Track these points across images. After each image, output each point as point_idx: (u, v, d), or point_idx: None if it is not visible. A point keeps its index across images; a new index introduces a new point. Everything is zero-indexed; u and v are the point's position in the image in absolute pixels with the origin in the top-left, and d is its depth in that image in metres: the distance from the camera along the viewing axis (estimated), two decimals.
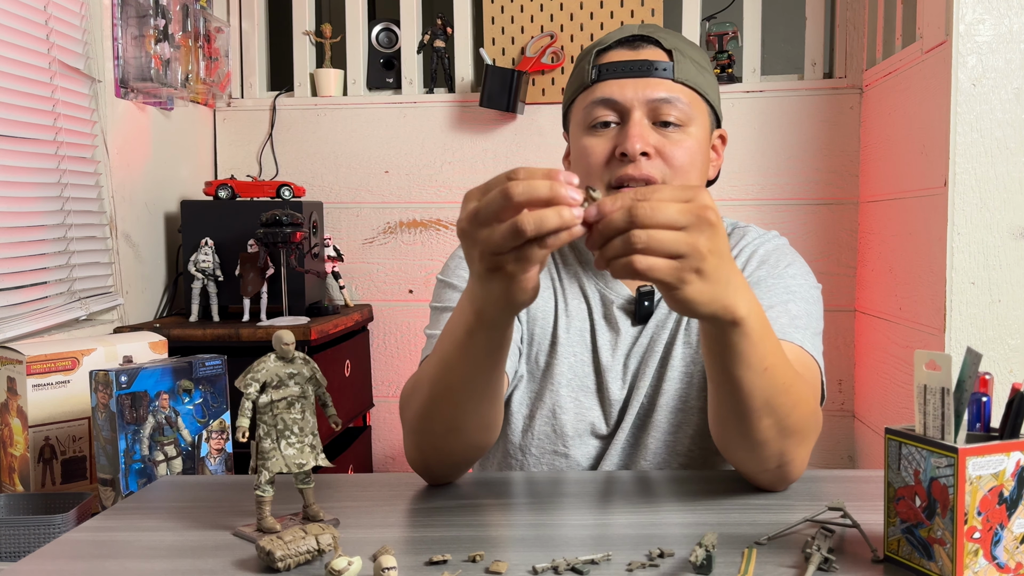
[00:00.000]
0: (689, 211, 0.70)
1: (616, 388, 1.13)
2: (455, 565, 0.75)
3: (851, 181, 2.33)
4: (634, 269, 0.69)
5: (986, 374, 0.72)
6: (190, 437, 1.21)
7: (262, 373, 0.82)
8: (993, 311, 1.68)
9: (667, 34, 1.13)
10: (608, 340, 1.14)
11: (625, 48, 1.11)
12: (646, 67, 1.09)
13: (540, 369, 1.15)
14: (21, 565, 0.79)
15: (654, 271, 0.70)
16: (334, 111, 2.51)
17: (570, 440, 1.13)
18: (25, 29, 1.68)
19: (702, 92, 1.11)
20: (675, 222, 0.70)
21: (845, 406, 2.38)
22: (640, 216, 0.69)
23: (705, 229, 0.71)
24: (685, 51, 1.11)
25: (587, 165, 1.10)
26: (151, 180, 2.18)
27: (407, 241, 2.48)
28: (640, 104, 1.08)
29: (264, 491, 0.83)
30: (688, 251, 0.70)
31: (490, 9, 2.41)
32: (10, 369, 1.34)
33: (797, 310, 1.07)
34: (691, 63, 1.11)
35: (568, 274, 1.18)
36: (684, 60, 1.10)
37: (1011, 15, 1.66)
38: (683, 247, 0.70)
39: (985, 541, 0.69)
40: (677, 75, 1.09)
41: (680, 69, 1.09)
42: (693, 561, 0.72)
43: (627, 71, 1.09)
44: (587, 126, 1.11)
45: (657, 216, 0.69)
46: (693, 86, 1.10)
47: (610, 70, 1.10)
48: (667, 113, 1.08)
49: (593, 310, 1.16)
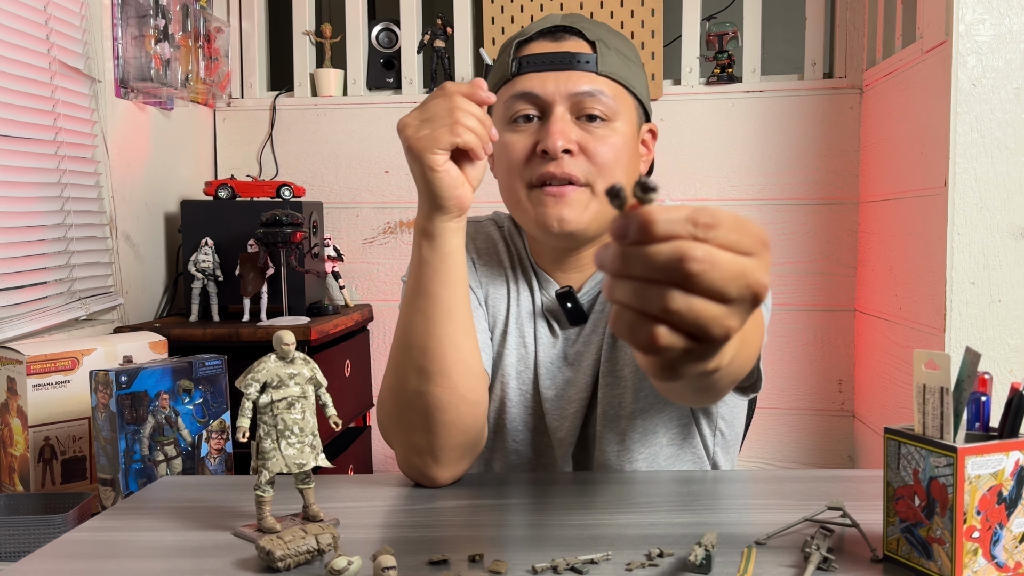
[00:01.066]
0: (744, 279, 0.49)
1: (548, 390, 1.12)
2: (455, 565, 0.75)
3: (851, 181, 2.33)
4: (652, 345, 0.49)
5: (985, 374, 0.72)
6: (190, 437, 1.21)
7: (262, 373, 0.83)
8: (993, 311, 1.68)
9: (591, 24, 1.08)
10: (545, 338, 1.13)
11: (547, 39, 1.06)
12: (568, 59, 1.04)
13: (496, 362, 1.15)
14: (21, 565, 0.79)
15: (670, 352, 0.50)
16: (334, 111, 2.51)
17: (520, 435, 1.13)
18: (25, 29, 1.68)
19: (628, 85, 1.07)
20: (725, 291, 0.48)
21: (845, 406, 2.38)
22: (695, 275, 0.47)
23: (748, 306, 0.50)
24: (610, 42, 1.06)
25: (508, 162, 1.06)
26: (151, 180, 2.19)
27: (407, 241, 2.48)
28: (562, 98, 1.03)
29: (264, 491, 0.83)
30: (717, 334, 0.49)
31: (490, 9, 2.41)
32: (10, 369, 1.34)
33: None
34: (616, 55, 1.06)
35: (520, 265, 1.17)
36: (609, 52, 1.05)
37: (1011, 15, 1.66)
38: (716, 329, 0.49)
39: (984, 540, 0.69)
40: (601, 68, 1.04)
41: (604, 61, 1.04)
42: (692, 561, 0.72)
43: (548, 63, 1.04)
44: (508, 120, 1.06)
45: (711, 278, 0.47)
46: (618, 79, 1.05)
47: (531, 62, 1.05)
48: (590, 107, 1.03)
49: (536, 305, 1.14)
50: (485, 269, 1.18)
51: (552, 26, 1.07)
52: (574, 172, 1.02)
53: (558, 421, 1.11)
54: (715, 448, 1.15)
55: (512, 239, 1.19)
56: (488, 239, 1.20)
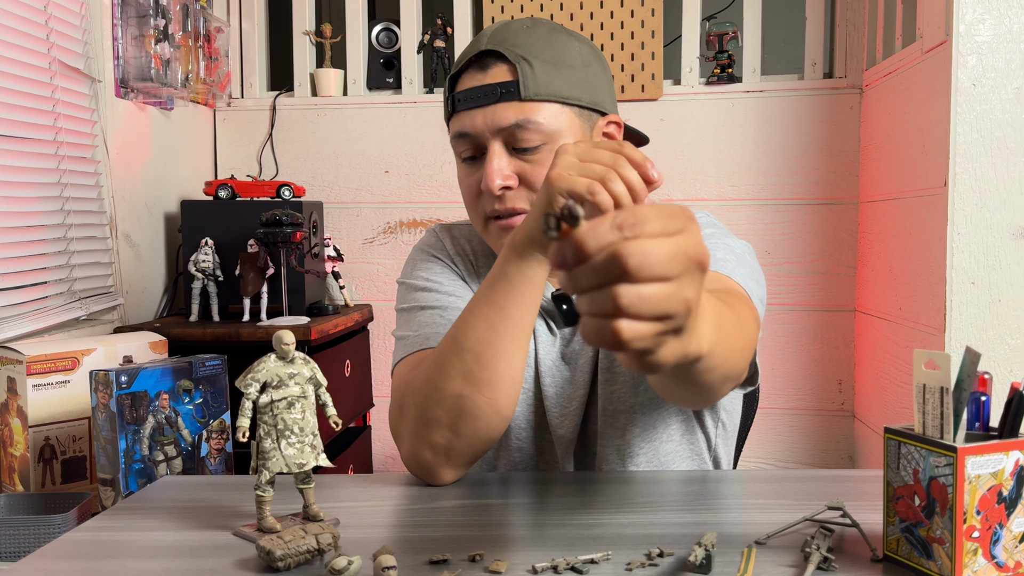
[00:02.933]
0: (682, 254, 0.52)
1: (548, 388, 1.12)
2: (455, 565, 0.75)
3: (851, 181, 2.33)
4: (617, 341, 0.51)
5: (985, 373, 0.72)
6: (190, 437, 1.21)
7: (262, 373, 0.83)
8: (993, 311, 1.68)
9: (516, 38, 1.03)
10: (545, 337, 1.13)
11: (475, 70, 1.04)
12: (491, 92, 1.01)
13: None
14: (21, 565, 0.79)
15: (639, 342, 0.52)
16: (334, 111, 2.51)
17: (523, 433, 1.14)
18: (25, 29, 1.68)
19: (560, 99, 1.02)
20: (669, 273, 0.52)
21: (845, 406, 2.38)
22: (634, 269, 0.50)
23: (696, 275, 0.54)
24: (537, 56, 1.01)
25: (465, 198, 1.09)
26: (151, 180, 2.19)
27: (407, 241, 2.48)
28: (492, 134, 1.01)
29: (264, 491, 0.83)
30: (678, 310, 0.53)
31: (490, 9, 2.41)
32: (10, 369, 1.34)
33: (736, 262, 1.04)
34: (543, 68, 1.01)
35: None
36: (532, 71, 1.01)
37: (1011, 15, 1.66)
38: (675, 306, 0.52)
39: (984, 540, 0.69)
40: (524, 93, 1.00)
41: (528, 84, 1.00)
42: (692, 561, 0.72)
43: (474, 100, 1.02)
44: (458, 158, 1.08)
45: (652, 267, 0.51)
46: (546, 98, 1.01)
47: (461, 100, 1.04)
48: (523, 139, 1.01)
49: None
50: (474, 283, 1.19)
51: (477, 52, 1.04)
52: (518, 204, 1.03)
53: (559, 419, 1.12)
54: (717, 440, 1.15)
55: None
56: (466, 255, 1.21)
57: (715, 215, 2.37)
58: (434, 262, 1.19)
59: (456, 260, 1.19)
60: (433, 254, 1.20)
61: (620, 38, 2.36)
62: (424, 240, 1.24)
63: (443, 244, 1.21)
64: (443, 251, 1.20)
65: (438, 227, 1.25)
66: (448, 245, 1.21)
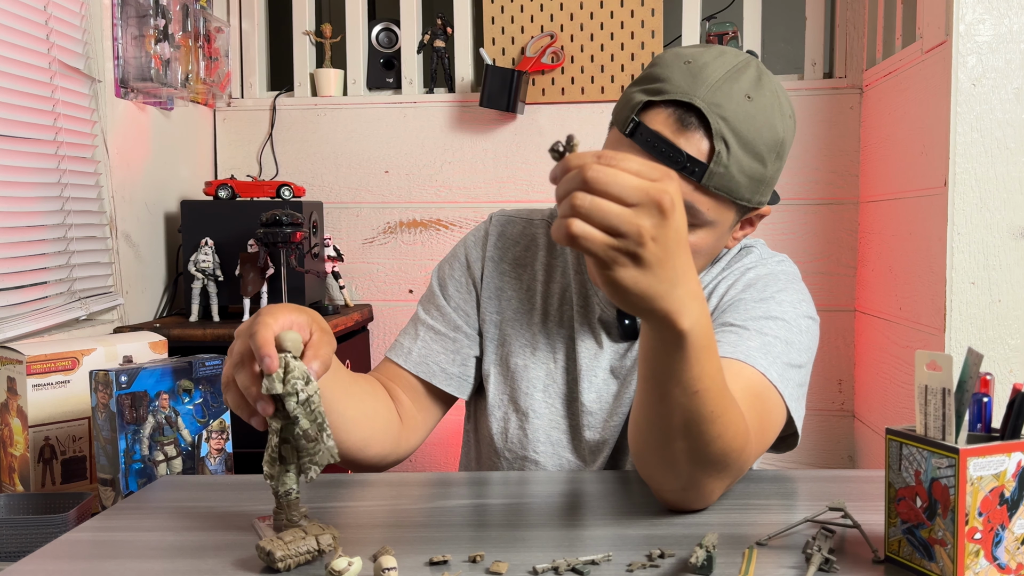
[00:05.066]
0: (643, 190, 0.65)
1: (592, 403, 1.11)
2: (455, 565, 0.75)
3: (851, 181, 2.33)
4: (568, 233, 0.64)
5: (987, 374, 0.72)
6: (190, 437, 1.21)
7: (299, 371, 0.81)
8: (993, 311, 1.68)
9: (727, 105, 0.93)
10: (589, 351, 1.11)
11: (672, 116, 0.94)
12: (678, 159, 0.93)
13: (513, 371, 1.14)
14: (21, 565, 0.79)
15: (587, 241, 0.64)
16: (334, 111, 2.51)
17: (541, 447, 1.12)
18: (25, 29, 1.68)
19: (734, 198, 0.96)
20: (625, 197, 0.64)
21: (845, 406, 2.38)
22: (591, 179, 0.64)
23: (654, 213, 0.65)
24: (737, 135, 0.93)
25: None
26: (151, 180, 2.18)
27: (407, 241, 2.48)
28: None
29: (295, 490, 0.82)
30: (629, 231, 0.64)
31: (490, 9, 2.41)
32: (10, 369, 1.34)
33: (773, 335, 0.99)
34: (737, 158, 0.94)
35: (555, 277, 1.16)
36: (726, 160, 0.94)
37: (1011, 15, 1.66)
38: (624, 225, 0.64)
39: (986, 542, 0.69)
40: (707, 181, 0.94)
41: (715, 174, 0.94)
42: (694, 562, 0.71)
43: (658, 151, 0.94)
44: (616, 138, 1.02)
45: (609, 184, 0.64)
46: (725, 194, 0.96)
47: (644, 136, 0.95)
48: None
49: (576, 316, 1.13)
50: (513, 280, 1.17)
51: (683, 100, 0.94)
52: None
53: (597, 432, 1.10)
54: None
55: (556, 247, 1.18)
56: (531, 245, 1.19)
57: None
58: (459, 269, 1.20)
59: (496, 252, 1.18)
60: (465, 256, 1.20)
61: (620, 38, 2.36)
62: (475, 230, 1.23)
63: (487, 237, 1.20)
64: (482, 245, 1.20)
65: (494, 215, 1.23)
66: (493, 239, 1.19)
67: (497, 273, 1.18)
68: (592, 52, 2.38)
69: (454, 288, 1.19)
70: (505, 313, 1.16)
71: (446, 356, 1.16)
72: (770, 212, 1.05)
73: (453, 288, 1.19)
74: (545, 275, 1.17)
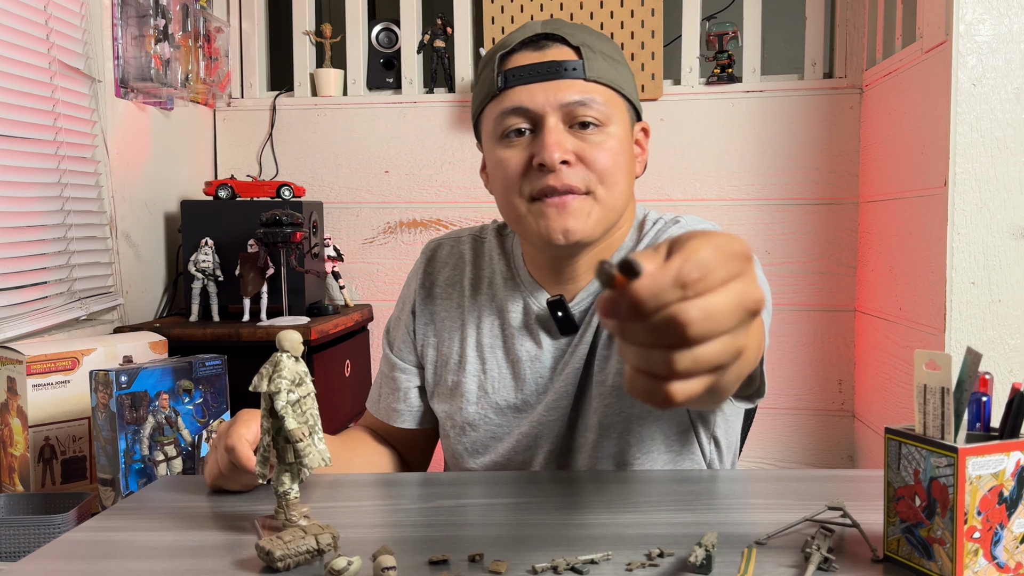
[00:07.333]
0: (742, 306, 0.50)
1: (533, 400, 1.11)
2: (455, 565, 0.75)
3: (851, 181, 2.33)
4: (670, 404, 0.50)
5: (986, 374, 0.72)
6: (190, 437, 1.21)
7: (288, 371, 0.81)
8: (993, 311, 1.68)
9: (574, 29, 1.05)
10: (528, 353, 1.12)
11: (530, 49, 1.04)
12: (555, 68, 1.01)
13: (450, 388, 1.16)
14: (21, 565, 0.79)
15: (692, 400, 0.51)
16: (334, 111, 2.51)
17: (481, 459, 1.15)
18: (25, 29, 1.68)
19: (617, 88, 1.05)
20: (727, 328, 0.49)
21: (845, 406, 2.38)
22: (696, 336, 0.48)
23: (750, 322, 0.52)
24: (595, 46, 1.04)
25: (504, 178, 1.04)
26: (151, 180, 2.18)
27: (407, 241, 2.48)
28: (553, 109, 1.01)
29: (292, 489, 0.83)
30: (730, 361, 0.51)
31: (490, 9, 2.41)
32: (10, 369, 1.34)
33: None
34: (602, 58, 1.04)
35: (482, 289, 1.17)
36: (595, 56, 1.03)
37: (1011, 15, 1.66)
38: (727, 356, 0.50)
39: (985, 541, 0.69)
40: (589, 73, 1.02)
41: (591, 67, 1.02)
42: (693, 561, 0.71)
43: (535, 75, 1.01)
44: (499, 136, 1.05)
45: (711, 332, 0.48)
46: (607, 83, 1.03)
47: (517, 75, 1.02)
48: (583, 115, 1.01)
49: (510, 323, 1.13)
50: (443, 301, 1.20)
51: (534, 34, 1.04)
52: (574, 182, 1.01)
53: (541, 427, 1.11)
54: (712, 456, 1.14)
55: (501, 252, 1.19)
56: (458, 263, 1.21)
57: (715, 215, 2.38)
58: (398, 309, 1.25)
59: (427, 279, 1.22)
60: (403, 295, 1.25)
61: (620, 38, 2.36)
62: (414, 265, 1.27)
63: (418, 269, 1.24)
64: (416, 278, 1.24)
65: (426, 244, 1.26)
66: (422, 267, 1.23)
67: (429, 300, 1.21)
68: None
69: (394, 328, 1.25)
70: (441, 335, 1.19)
71: (393, 396, 1.23)
72: (649, 134, 1.14)
73: (395, 329, 1.25)
74: (472, 289, 1.18)
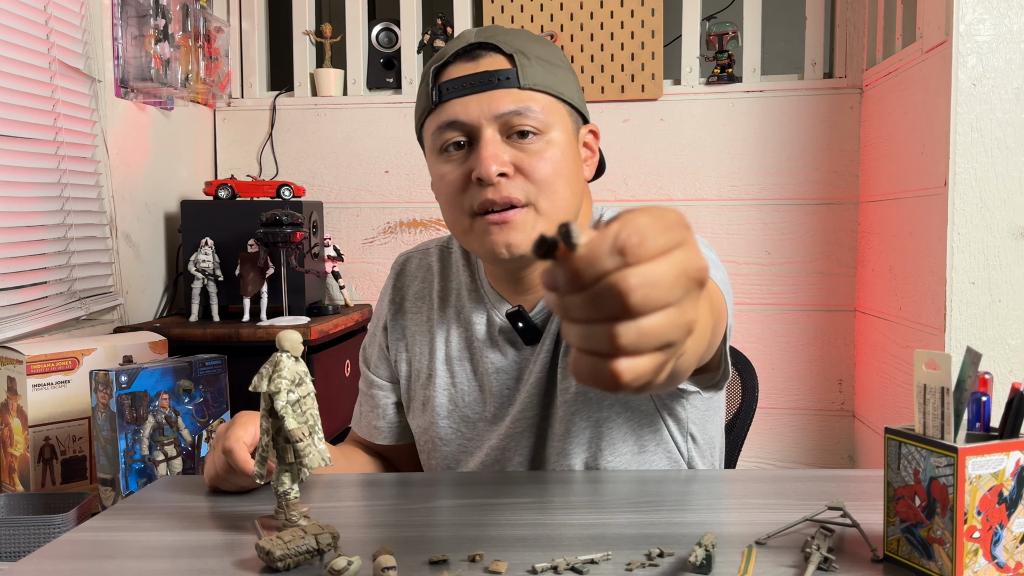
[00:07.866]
0: (686, 274, 0.46)
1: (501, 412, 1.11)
2: (455, 565, 0.75)
3: (851, 181, 2.33)
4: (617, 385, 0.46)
5: (986, 374, 0.72)
6: (190, 437, 1.21)
7: (288, 371, 0.81)
8: (993, 311, 1.68)
9: (507, 35, 1.03)
10: (494, 364, 1.11)
11: (464, 60, 1.02)
12: (488, 79, 0.99)
13: (422, 402, 1.16)
14: (21, 565, 0.79)
15: (638, 381, 0.47)
16: (334, 111, 2.51)
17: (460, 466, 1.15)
18: (25, 29, 1.68)
19: (555, 93, 1.02)
20: (672, 300, 0.46)
21: (845, 406, 2.38)
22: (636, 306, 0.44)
23: (697, 293, 0.48)
24: (530, 51, 1.02)
25: (447, 194, 1.03)
26: (151, 180, 2.18)
27: (407, 241, 2.48)
28: (488, 120, 0.99)
29: (293, 489, 0.83)
30: (680, 337, 0.47)
31: (490, 9, 2.41)
32: (10, 369, 1.34)
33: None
34: (538, 63, 1.02)
35: (450, 301, 1.17)
36: (530, 63, 1.01)
37: (1011, 15, 1.66)
38: (676, 333, 0.47)
39: (985, 541, 0.69)
40: (523, 81, 1.00)
41: (526, 74, 1.00)
42: (693, 561, 0.72)
43: (468, 87, 1.00)
44: (439, 151, 1.03)
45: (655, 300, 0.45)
46: (544, 89, 1.01)
47: (451, 88, 1.01)
48: (519, 124, 0.99)
49: (476, 335, 1.13)
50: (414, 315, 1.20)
51: (467, 45, 1.02)
52: (514, 195, 0.98)
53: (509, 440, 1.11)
54: (691, 454, 1.12)
55: (466, 264, 1.18)
56: (427, 276, 1.21)
57: (715, 215, 2.39)
58: (372, 325, 1.25)
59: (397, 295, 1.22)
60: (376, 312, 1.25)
61: (620, 38, 2.36)
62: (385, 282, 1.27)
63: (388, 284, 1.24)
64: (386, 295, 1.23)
65: (396, 260, 1.26)
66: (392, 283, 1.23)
67: (400, 314, 1.20)
68: (592, 52, 2.38)
69: (369, 346, 1.25)
70: (412, 349, 1.18)
71: (373, 413, 1.23)
72: (599, 136, 1.11)
73: (370, 346, 1.25)
74: (440, 302, 1.17)
